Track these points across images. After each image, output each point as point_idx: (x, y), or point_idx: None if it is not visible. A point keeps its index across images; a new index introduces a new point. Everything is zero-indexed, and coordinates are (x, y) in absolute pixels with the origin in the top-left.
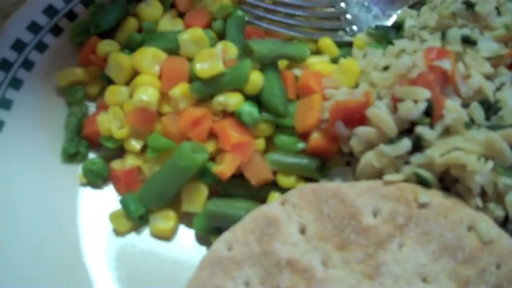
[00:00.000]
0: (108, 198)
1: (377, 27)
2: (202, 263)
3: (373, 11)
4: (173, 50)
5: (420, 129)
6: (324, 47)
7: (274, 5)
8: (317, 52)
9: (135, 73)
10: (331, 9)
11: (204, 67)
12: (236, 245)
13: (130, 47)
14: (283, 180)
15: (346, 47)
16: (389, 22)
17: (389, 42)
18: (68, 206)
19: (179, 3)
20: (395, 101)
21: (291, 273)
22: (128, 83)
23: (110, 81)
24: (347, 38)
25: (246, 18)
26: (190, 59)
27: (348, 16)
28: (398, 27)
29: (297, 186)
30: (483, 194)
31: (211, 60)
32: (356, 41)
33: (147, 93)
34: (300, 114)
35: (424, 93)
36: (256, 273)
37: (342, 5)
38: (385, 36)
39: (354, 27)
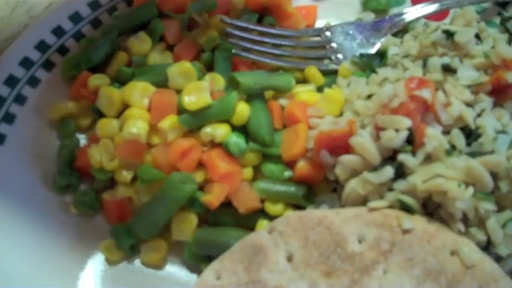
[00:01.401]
0: (100, 229)
1: (361, 55)
2: None
3: (357, 40)
4: (162, 83)
5: (402, 157)
6: (310, 76)
7: (261, 36)
8: (303, 81)
9: (125, 106)
10: (317, 38)
11: (192, 100)
12: (224, 273)
13: (120, 81)
14: (271, 208)
15: (331, 75)
16: (374, 50)
17: (373, 71)
18: (60, 237)
19: (168, 36)
20: (378, 129)
21: None
22: (118, 115)
23: (100, 115)
24: (332, 66)
25: (234, 50)
26: (179, 92)
27: (333, 45)
28: (382, 55)
29: (284, 213)
30: (465, 219)
31: (199, 92)
32: (341, 69)
33: (136, 126)
34: (286, 144)
35: (405, 122)
36: None
37: (327, 33)
38: (369, 65)
39: (339, 56)
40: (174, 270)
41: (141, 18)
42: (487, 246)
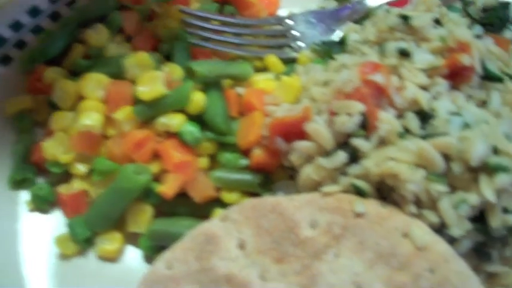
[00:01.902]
0: (56, 223)
1: (322, 42)
2: (142, 283)
3: (319, 27)
4: (119, 75)
5: (355, 141)
6: (270, 64)
7: (221, 26)
8: (264, 70)
9: (81, 99)
10: (278, 27)
11: (146, 90)
12: (175, 263)
13: (77, 73)
14: (227, 196)
15: (292, 63)
16: (335, 38)
17: (333, 58)
18: (16, 231)
19: (127, 28)
20: (332, 115)
21: None
22: (74, 108)
23: (57, 108)
24: (293, 55)
25: (192, 40)
26: (134, 82)
27: (295, 33)
28: (342, 42)
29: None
30: (418, 201)
31: (154, 83)
32: (300, 57)
33: (91, 118)
34: (242, 132)
35: (358, 107)
36: None
37: (289, 22)
38: (328, 52)
39: (300, 44)
40: (131, 262)
41: (99, 10)
42: (440, 228)
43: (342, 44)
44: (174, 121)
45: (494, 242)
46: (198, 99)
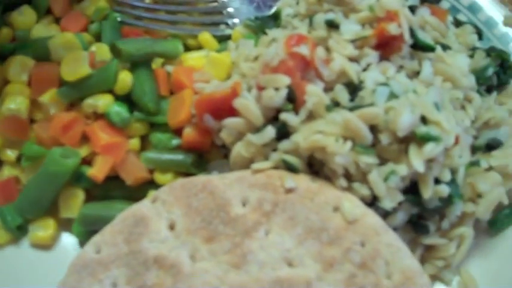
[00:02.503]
0: None
1: (256, 18)
2: (70, 268)
3: (254, 3)
4: (45, 57)
5: (284, 116)
6: (204, 42)
7: (154, 4)
8: (199, 48)
9: (6, 83)
10: (213, 4)
11: (70, 70)
12: (104, 247)
13: (2, 57)
14: (160, 177)
15: (228, 40)
16: (266, 13)
17: (265, 33)
18: None
19: (54, 9)
20: (260, 89)
21: (157, 270)
22: None
23: None
24: (229, 32)
25: (121, 19)
26: (59, 64)
27: (230, 9)
28: (276, 17)
29: None
30: (349, 174)
31: (77, 63)
32: (233, 33)
33: (15, 102)
34: (172, 111)
35: (284, 80)
36: (123, 274)
37: None
38: (261, 27)
39: (236, 20)
40: (66, 249)
41: None
42: (373, 202)
43: (275, 19)
44: (101, 102)
45: (430, 214)
46: (124, 78)
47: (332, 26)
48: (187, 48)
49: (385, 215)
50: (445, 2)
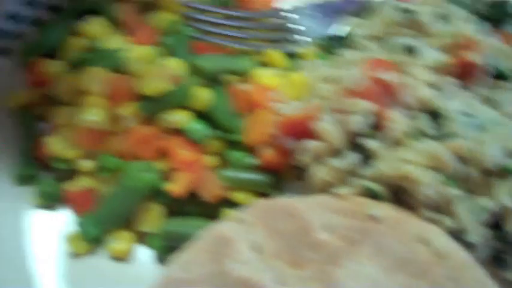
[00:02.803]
0: (63, 220)
1: (324, 37)
2: (156, 285)
3: (321, 21)
4: (119, 69)
5: (366, 142)
6: (273, 59)
7: (222, 19)
8: (266, 64)
9: (84, 93)
10: (280, 21)
11: (151, 85)
12: (190, 266)
13: (77, 67)
14: (237, 196)
15: (296, 58)
16: (337, 32)
17: (336, 53)
18: (22, 229)
19: (127, 20)
20: (341, 113)
21: None
22: (77, 103)
23: (60, 102)
24: (295, 49)
25: (195, 34)
26: (138, 77)
27: (296, 27)
28: (346, 37)
29: (250, 201)
30: (434, 205)
31: (158, 77)
32: (304, 52)
33: (94, 113)
34: (250, 129)
35: (368, 106)
36: None
37: (290, 15)
38: (332, 47)
39: (304, 38)
40: (143, 262)
41: (98, 2)
42: (456, 234)
43: (346, 39)
44: (180, 118)
45: (511, 248)
46: (203, 95)
47: (410, 50)
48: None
49: (467, 248)
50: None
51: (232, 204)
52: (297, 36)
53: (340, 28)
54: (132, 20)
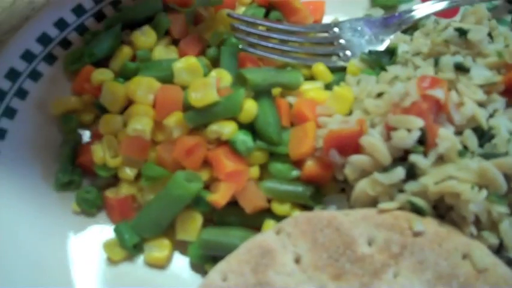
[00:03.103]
0: (102, 227)
1: (370, 52)
2: None
3: (366, 36)
4: (167, 79)
5: (414, 158)
6: (318, 73)
7: (267, 32)
8: (311, 78)
9: (130, 102)
10: (325, 34)
11: (198, 96)
12: (231, 275)
13: (124, 76)
14: (278, 208)
15: (339, 72)
16: (383, 47)
17: (383, 68)
18: (62, 235)
19: (173, 31)
20: (389, 129)
21: None
22: (122, 111)
23: (104, 110)
24: (340, 63)
25: (240, 46)
26: (184, 88)
27: (342, 41)
28: (391, 52)
29: (291, 213)
30: (477, 222)
31: (205, 89)
32: (349, 66)
33: (141, 123)
34: (294, 142)
35: (418, 122)
36: None
37: (335, 30)
38: (378, 62)
39: (348, 52)
40: (178, 270)
41: (145, 11)
42: (499, 250)
43: (391, 54)
44: (226, 129)
45: None
46: (250, 107)
47: (460, 69)
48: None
49: (508, 263)
50: None
51: (273, 215)
52: (340, 50)
53: (385, 43)
54: (179, 31)
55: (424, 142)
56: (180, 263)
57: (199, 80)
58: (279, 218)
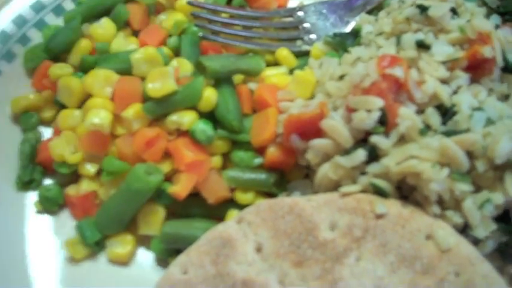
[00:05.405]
0: (65, 225)
1: (335, 34)
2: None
3: (331, 19)
4: (126, 70)
5: (375, 139)
6: (282, 58)
7: (230, 19)
8: (275, 63)
9: (88, 96)
10: (289, 19)
11: (156, 86)
12: (191, 268)
13: (83, 70)
14: (241, 197)
15: (304, 56)
16: (348, 29)
17: (346, 50)
18: (23, 234)
19: (133, 22)
20: (350, 111)
21: None
22: (80, 106)
23: (63, 106)
24: (305, 48)
25: (202, 34)
26: (143, 79)
27: (306, 25)
28: (355, 34)
29: (255, 202)
30: (441, 201)
31: (163, 79)
32: (313, 50)
33: (99, 116)
34: (256, 129)
35: (377, 102)
36: None
37: (300, 14)
38: (342, 44)
39: (313, 36)
40: (143, 266)
41: (105, 3)
42: (464, 229)
43: (355, 36)
44: (186, 119)
45: None
46: (209, 95)
47: (422, 46)
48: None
49: (474, 242)
50: None
51: (237, 205)
52: (305, 35)
53: (350, 25)
54: (139, 21)
55: (385, 122)
56: (145, 258)
57: (156, 70)
58: (243, 208)
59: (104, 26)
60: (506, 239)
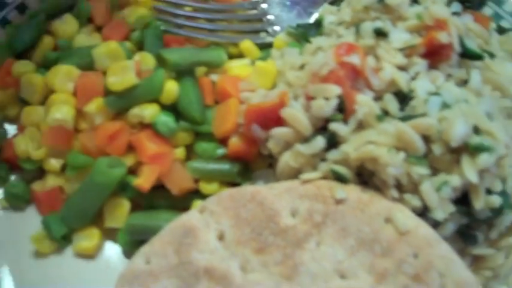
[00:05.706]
0: (32, 221)
1: (298, 25)
2: (120, 279)
3: (294, 10)
4: (89, 65)
5: (333, 126)
6: (245, 50)
7: (194, 12)
8: (240, 56)
9: (51, 92)
10: (253, 11)
11: (117, 80)
12: (154, 257)
13: (46, 66)
14: (206, 187)
15: (269, 48)
16: (311, 20)
17: (309, 41)
18: None
19: (96, 17)
20: (309, 99)
21: (208, 281)
22: (44, 102)
23: (27, 103)
24: (269, 39)
25: (164, 27)
26: (104, 73)
27: (270, 17)
28: (318, 24)
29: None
30: (400, 185)
31: (124, 72)
32: (275, 41)
33: (61, 111)
34: (218, 120)
35: (335, 90)
36: (174, 285)
37: (263, 6)
38: (304, 35)
39: (276, 28)
40: (110, 258)
41: (67, 0)
42: (423, 212)
43: (318, 26)
44: (148, 112)
45: (479, 224)
46: (171, 88)
47: (380, 34)
48: (229, 56)
49: (434, 225)
50: (488, 8)
51: (202, 196)
52: (269, 27)
53: (313, 16)
54: (102, 16)
55: (344, 110)
56: (112, 251)
57: (117, 64)
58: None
59: (67, 22)
60: (466, 221)
